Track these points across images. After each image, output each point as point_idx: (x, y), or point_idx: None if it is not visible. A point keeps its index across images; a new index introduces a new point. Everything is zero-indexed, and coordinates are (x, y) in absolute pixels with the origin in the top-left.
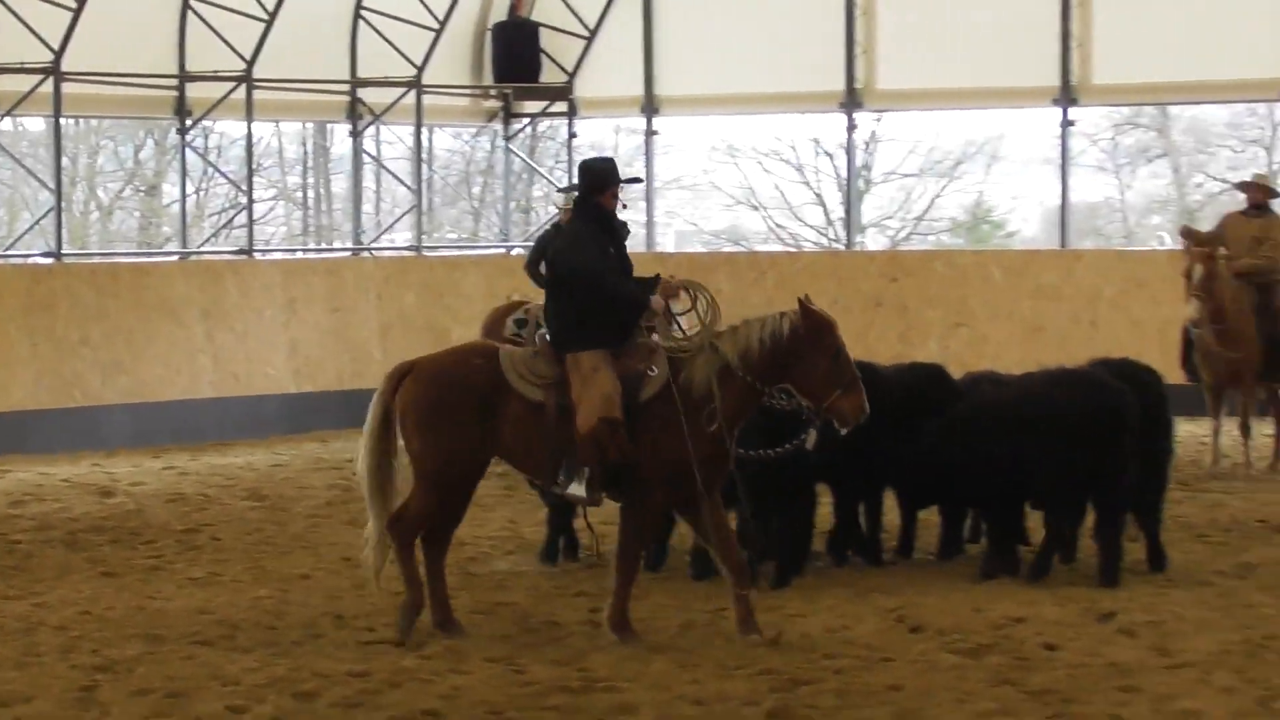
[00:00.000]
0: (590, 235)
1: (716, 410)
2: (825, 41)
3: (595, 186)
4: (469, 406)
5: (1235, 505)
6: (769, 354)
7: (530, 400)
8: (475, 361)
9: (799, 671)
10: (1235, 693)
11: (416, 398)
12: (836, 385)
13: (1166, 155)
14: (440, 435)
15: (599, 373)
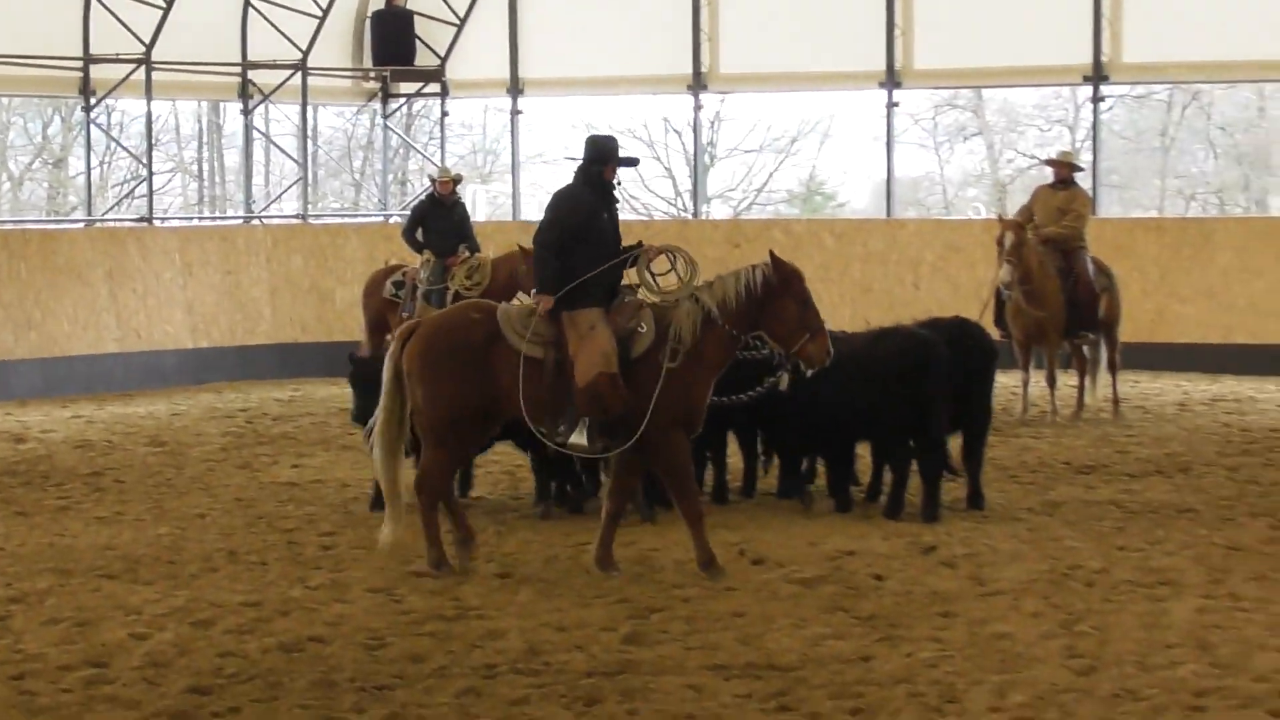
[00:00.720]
0: (584, 202)
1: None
2: (674, 29)
3: (598, 159)
4: (466, 359)
5: (1042, 449)
6: (745, 303)
7: (529, 356)
8: (473, 316)
9: (652, 600)
10: (1042, 617)
11: (420, 352)
12: (806, 330)
13: (981, 134)
14: (441, 386)
15: (596, 330)
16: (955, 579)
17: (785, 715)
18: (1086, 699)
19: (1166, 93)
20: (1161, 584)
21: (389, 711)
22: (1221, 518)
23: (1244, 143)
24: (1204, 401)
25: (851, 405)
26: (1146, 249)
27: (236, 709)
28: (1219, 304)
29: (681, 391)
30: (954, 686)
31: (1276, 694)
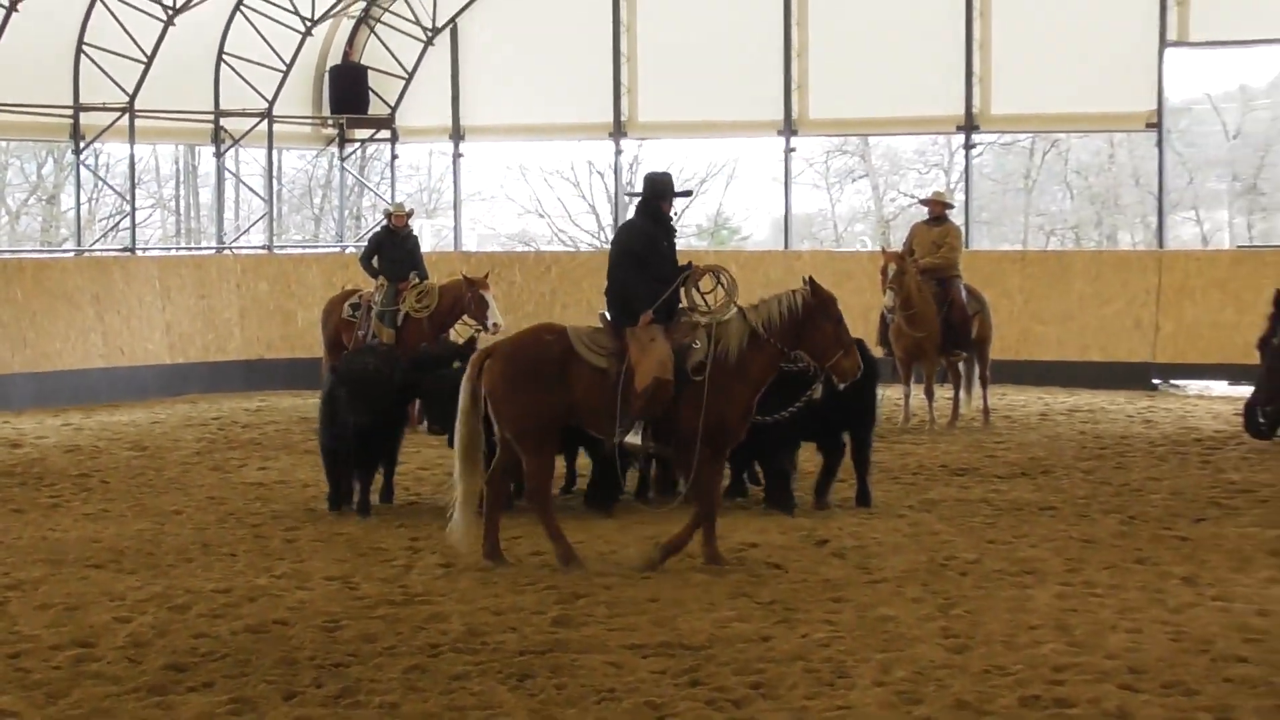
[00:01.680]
0: (646, 233)
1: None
2: (597, 83)
3: (657, 194)
4: (548, 373)
5: (921, 453)
6: (788, 323)
7: (596, 367)
8: (547, 338)
9: (577, 587)
10: (922, 601)
11: (502, 373)
12: (839, 347)
13: (867, 176)
14: (529, 399)
15: (656, 342)
16: (845, 568)
17: (696, 689)
18: (960, 674)
19: (1029, 140)
20: (1026, 573)
21: (344, 686)
22: (1078, 514)
23: (1096, 184)
24: (1063, 412)
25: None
26: (1012, 278)
27: (210, 684)
28: (1075, 326)
29: (727, 403)
30: (844, 663)
31: (1126, 669)
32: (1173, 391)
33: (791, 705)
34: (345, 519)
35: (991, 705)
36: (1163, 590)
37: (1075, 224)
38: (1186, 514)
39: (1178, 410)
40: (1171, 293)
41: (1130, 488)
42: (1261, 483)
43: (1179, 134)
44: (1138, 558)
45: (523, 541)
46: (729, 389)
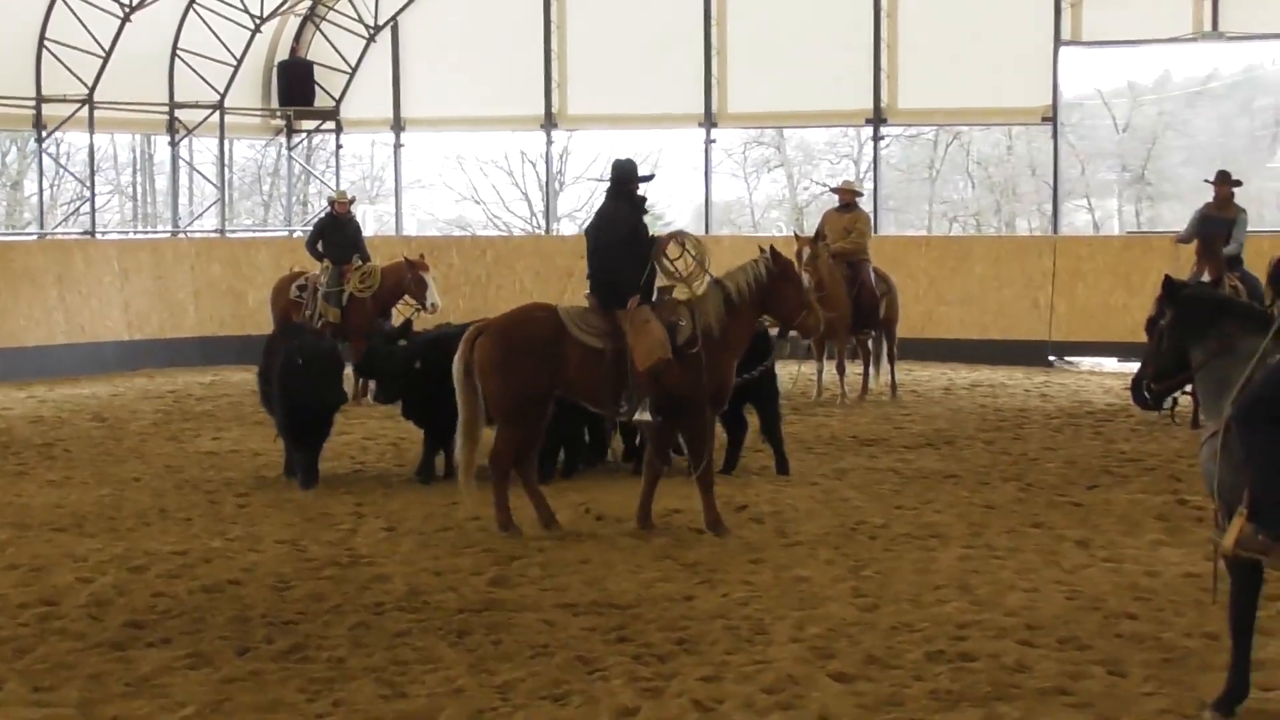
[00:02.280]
0: (631, 221)
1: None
2: (529, 78)
3: (626, 179)
4: (539, 351)
5: (834, 425)
6: (755, 292)
7: (590, 346)
8: (539, 315)
9: (512, 550)
10: (834, 563)
11: (494, 348)
12: (803, 307)
13: (782, 166)
14: (515, 376)
15: (650, 323)
16: (762, 532)
17: (624, 645)
18: (870, 631)
19: (933, 133)
20: (931, 536)
21: (294, 642)
22: (979, 482)
23: (996, 174)
24: (965, 386)
25: None
26: (917, 261)
27: (167, 640)
28: (976, 307)
29: (713, 372)
30: (762, 621)
31: (1024, 626)
32: (1067, 368)
33: (713, 660)
34: (295, 484)
35: (899, 660)
36: (1058, 552)
37: (976, 211)
38: (1080, 481)
39: (1072, 385)
40: (1066, 276)
41: (1028, 457)
42: (1149, 452)
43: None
44: (1035, 522)
45: (461, 506)
46: (717, 359)
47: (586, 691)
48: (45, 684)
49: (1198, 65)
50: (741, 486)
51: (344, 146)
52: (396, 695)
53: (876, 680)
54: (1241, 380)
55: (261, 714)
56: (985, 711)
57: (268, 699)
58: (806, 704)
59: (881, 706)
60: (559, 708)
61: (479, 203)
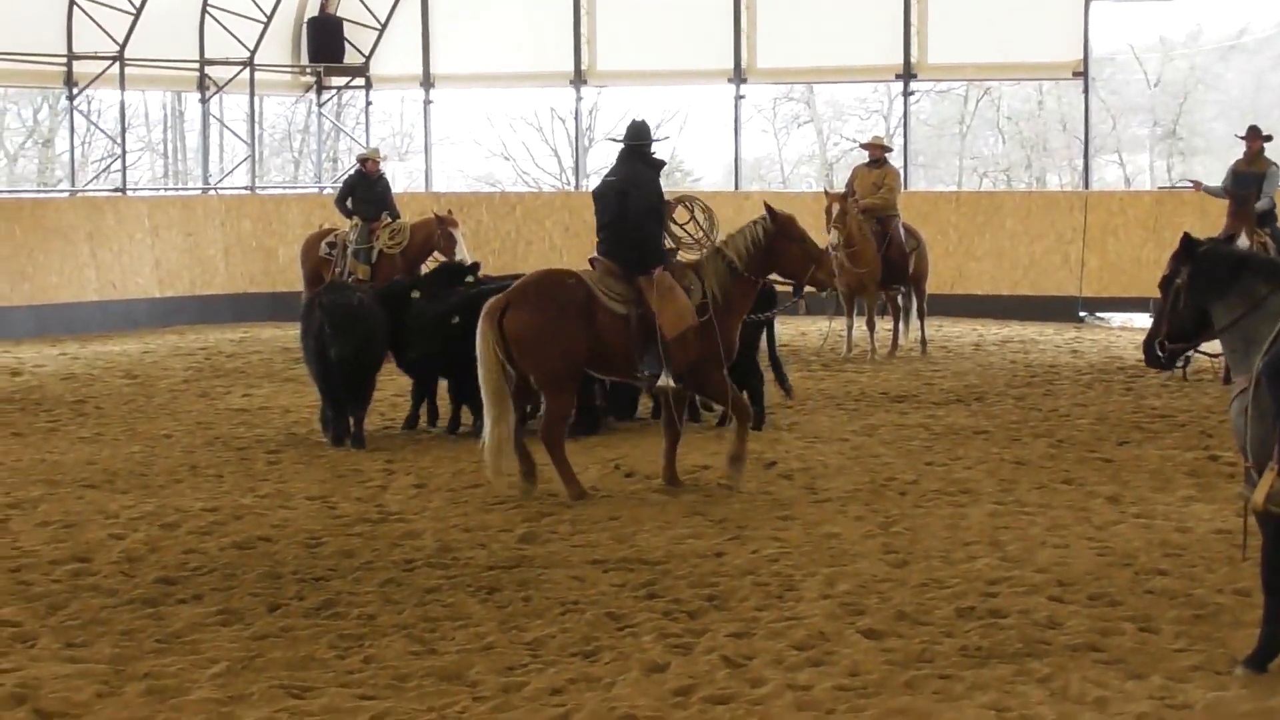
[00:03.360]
0: (656, 185)
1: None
2: (558, 34)
3: (643, 138)
4: (575, 316)
5: (863, 381)
6: (756, 254)
7: (616, 313)
8: (569, 281)
9: (542, 507)
10: (864, 519)
11: (530, 319)
12: (810, 261)
13: (812, 122)
14: (559, 342)
15: (675, 289)
16: (793, 489)
17: (653, 601)
18: (900, 587)
19: (963, 88)
20: (961, 493)
21: (325, 598)
22: (1010, 438)
23: (1026, 130)
24: (995, 343)
25: None
26: (948, 217)
27: (199, 596)
28: (1006, 262)
29: (724, 334)
30: (792, 577)
31: (1055, 582)
32: (1098, 324)
33: (743, 616)
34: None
35: (929, 616)
36: (1088, 508)
37: (1006, 167)
38: (1111, 438)
39: (1102, 341)
40: (1097, 231)
41: (1058, 413)
42: (1180, 408)
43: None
44: (1065, 478)
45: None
46: (724, 322)
47: (616, 647)
48: (78, 640)
49: (1230, 20)
50: (771, 443)
51: (373, 103)
52: (427, 651)
53: (907, 636)
54: (1271, 336)
55: (292, 670)
56: (1016, 668)
57: (298, 655)
58: (836, 660)
59: (912, 663)
60: (589, 664)
61: (508, 159)
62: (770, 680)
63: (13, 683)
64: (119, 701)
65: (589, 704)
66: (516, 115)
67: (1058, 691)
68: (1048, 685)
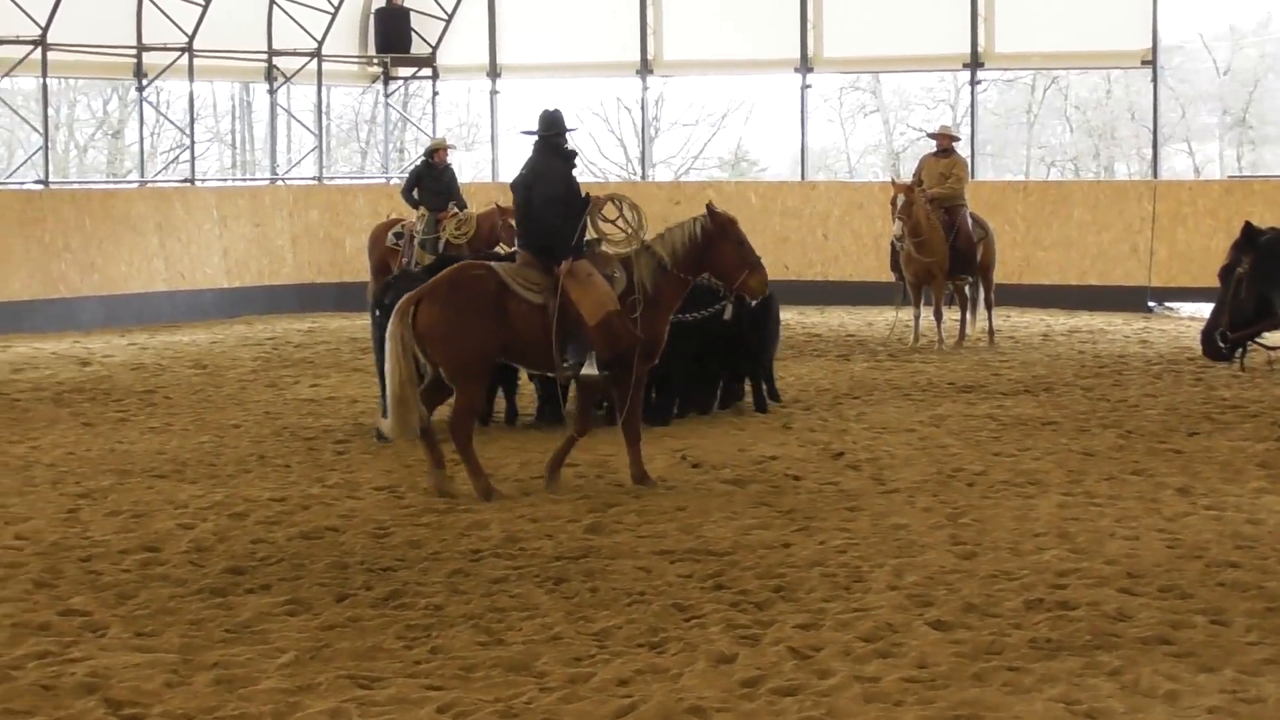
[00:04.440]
0: (562, 173)
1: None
2: (624, 23)
3: (558, 129)
4: (485, 309)
5: (931, 371)
6: (690, 250)
7: (532, 303)
8: (478, 273)
9: (609, 497)
10: (932, 511)
11: (440, 313)
12: (745, 267)
13: (878, 111)
14: (467, 336)
15: (593, 277)
16: (860, 479)
17: (720, 592)
18: (969, 579)
19: (1031, 77)
20: (1030, 484)
21: (392, 589)
22: (1078, 429)
23: (1094, 119)
24: (1063, 333)
25: None
26: (1015, 206)
27: (267, 586)
28: (1075, 252)
29: (647, 328)
30: (859, 569)
31: (1124, 575)
32: (1167, 313)
33: (810, 608)
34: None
35: (998, 608)
36: (1158, 500)
37: (1074, 156)
38: (1181, 428)
39: (1172, 331)
40: (1166, 220)
41: (1127, 404)
42: (1251, 399)
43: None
44: (1135, 469)
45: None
46: (650, 314)
47: (683, 639)
48: (147, 629)
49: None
50: (839, 434)
51: (440, 93)
52: (494, 642)
53: (975, 628)
54: None
55: (360, 660)
56: (1085, 660)
57: (366, 645)
58: (904, 652)
59: (980, 655)
60: (656, 655)
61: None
62: (838, 672)
63: (83, 672)
64: (188, 691)
65: (656, 695)
66: (582, 105)
67: (1128, 685)
68: (1118, 678)
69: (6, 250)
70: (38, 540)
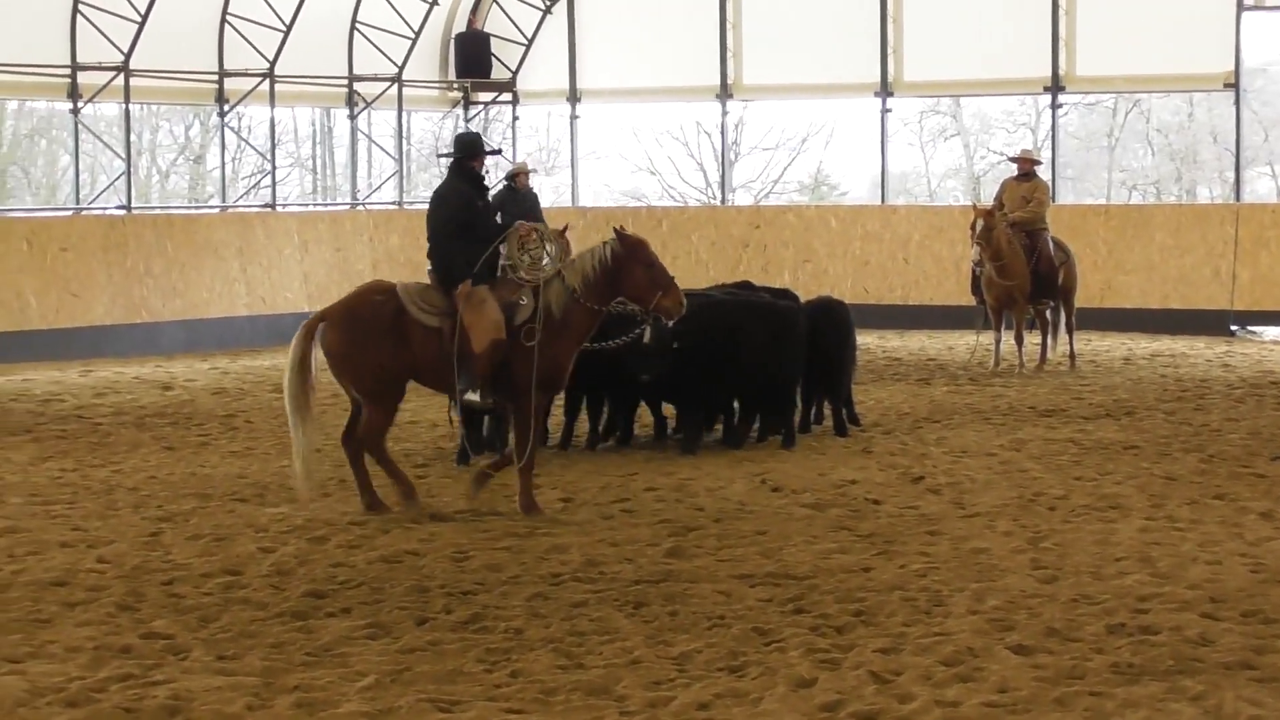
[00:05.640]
0: (465, 197)
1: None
2: (704, 48)
3: (470, 154)
4: (382, 332)
5: (1011, 396)
6: (601, 276)
7: (428, 326)
8: (377, 298)
9: (689, 520)
10: (1013, 535)
11: (340, 336)
12: (657, 289)
13: (958, 135)
14: (368, 358)
15: (486, 303)
16: (940, 503)
17: (800, 616)
18: (1050, 603)
19: (1112, 100)
20: (1111, 508)
21: (472, 612)
22: (1160, 453)
23: (1176, 142)
24: (1145, 356)
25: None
26: (1096, 230)
27: (347, 609)
28: (1156, 276)
29: (550, 357)
30: (940, 593)
31: (1207, 599)
32: (1250, 337)
33: (891, 632)
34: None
35: (1079, 632)
36: (1241, 524)
37: (1156, 179)
38: (1263, 453)
39: (1254, 355)
40: (1249, 244)
41: (1209, 428)
42: None
43: (1255, 93)
44: (1217, 494)
45: (638, 478)
46: (555, 343)
47: (764, 662)
48: (229, 652)
49: None
50: (919, 458)
51: (520, 118)
52: (574, 666)
53: (1056, 653)
54: None
55: (440, 684)
56: (1168, 685)
57: (446, 669)
58: (985, 676)
59: (1062, 679)
60: (736, 679)
61: (654, 173)
62: (918, 696)
63: (165, 695)
64: (269, 714)
65: (736, 719)
66: (662, 129)
67: (1211, 710)
68: (1201, 704)
69: (89, 275)
70: (120, 563)
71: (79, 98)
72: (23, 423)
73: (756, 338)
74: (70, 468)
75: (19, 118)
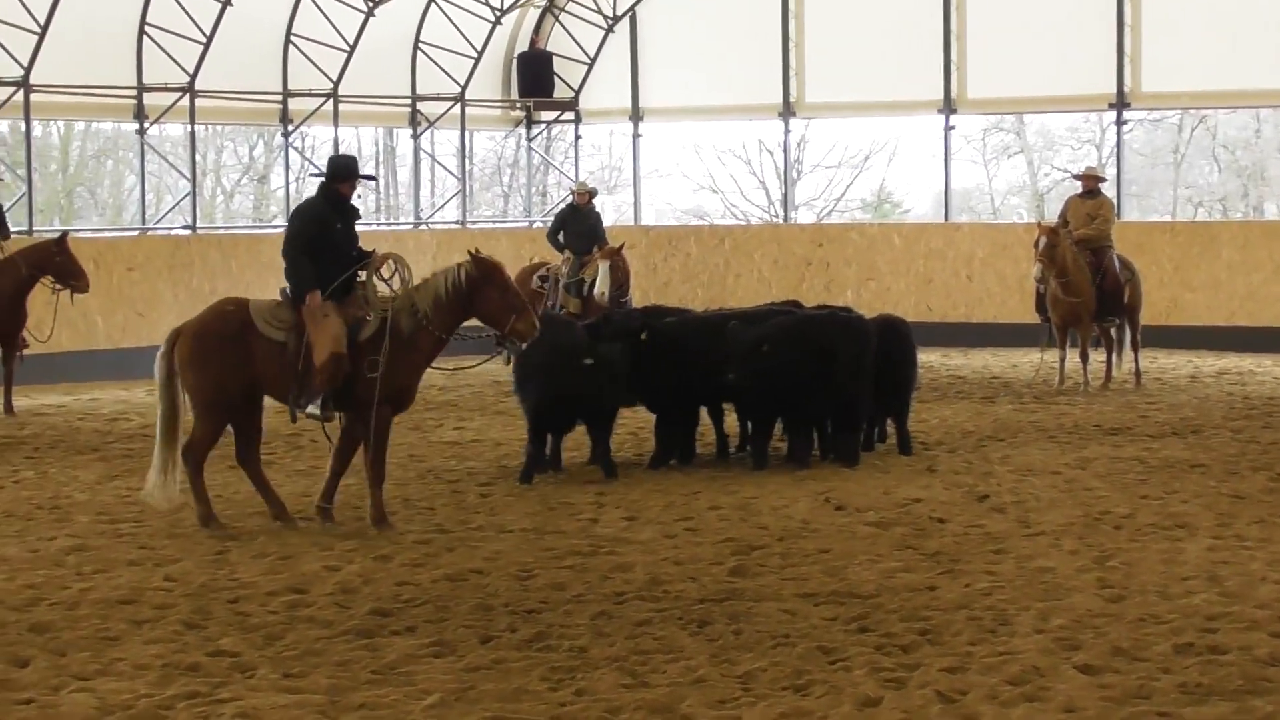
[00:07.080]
0: (319, 216)
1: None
2: (767, 66)
3: (337, 177)
4: (227, 347)
5: (1076, 414)
6: (453, 298)
7: (274, 340)
8: (228, 310)
9: (752, 539)
10: (1078, 554)
11: (188, 349)
12: (510, 312)
13: (1022, 152)
14: (208, 372)
15: (329, 318)
16: (1005, 522)
17: (865, 635)
18: (1116, 622)
19: (1178, 117)
20: (1178, 527)
21: (537, 631)
22: (1228, 471)
23: (1243, 158)
24: (1211, 374)
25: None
26: (1162, 247)
27: (412, 628)
28: (1223, 293)
29: (393, 374)
30: (1005, 612)
31: (1276, 619)
32: None
33: (956, 651)
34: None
35: (1147, 652)
36: None
37: (1223, 196)
38: None
39: None
40: None
41: (1278, 446)
42: None
43: None
44: None
45: (702, 496)
46: (402, 359)
47: (829, 681)
48: (295, 670)
49: None
50: (984, 476)
51: (583, 137)
52: (638, 684)
53: (1124, 672)
54: None
55: (505, 703)
56: (1237, 705)
57: (511, 687)
58: (1051, 696)
59: (1129, 699)
60: (801, 698)
61: (717, 192)
62: (984, 715)
63: (232, 712)
64: None
65: None
66: (725, 148)
67: None
68: None
69: (155, 295)
70: (187, 582)
71: (145, 119)
72: (90, 442)
73: (846, 354)
74: (137, 486)
75: (86, 139)
